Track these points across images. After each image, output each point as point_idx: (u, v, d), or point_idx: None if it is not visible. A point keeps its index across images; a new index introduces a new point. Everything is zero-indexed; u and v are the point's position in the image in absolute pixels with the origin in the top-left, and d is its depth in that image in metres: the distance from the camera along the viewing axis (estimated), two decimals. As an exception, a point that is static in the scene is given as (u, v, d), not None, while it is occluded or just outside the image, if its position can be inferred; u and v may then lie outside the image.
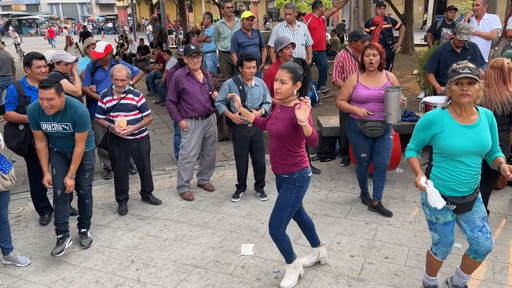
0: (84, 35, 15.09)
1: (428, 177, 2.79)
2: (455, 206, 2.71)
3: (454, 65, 2.63)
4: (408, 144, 2.88)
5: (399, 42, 8.71)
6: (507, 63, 4.01)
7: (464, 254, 2.91)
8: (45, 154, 3.81)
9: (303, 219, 3.42)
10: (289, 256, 3.27)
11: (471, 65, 2.59)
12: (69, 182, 3.74)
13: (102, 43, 5.29)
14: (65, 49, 11.76)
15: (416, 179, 2.70)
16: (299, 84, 2.97)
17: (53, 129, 3.69)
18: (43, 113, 3.60)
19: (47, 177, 3.80)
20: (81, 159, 3.79)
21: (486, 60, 5.92)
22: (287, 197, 3.10)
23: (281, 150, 3.05)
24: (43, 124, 3.68)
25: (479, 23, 6.56)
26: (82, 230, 4.03)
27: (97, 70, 5.32)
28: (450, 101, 2.69)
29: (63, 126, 3.68)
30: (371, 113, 4.16)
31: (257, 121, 3.42)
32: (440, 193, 2.69)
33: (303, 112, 2.70)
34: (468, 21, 6.63)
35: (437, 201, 2.66)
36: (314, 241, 3.50)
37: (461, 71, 2.56)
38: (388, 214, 4.35)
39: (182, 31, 18.45)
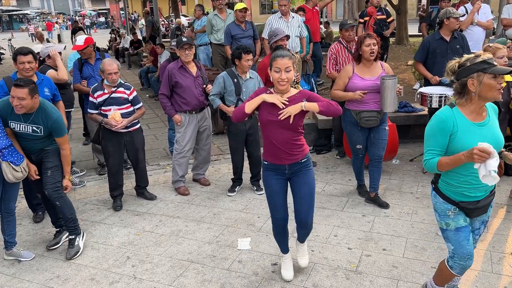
0: (75, 31, 14.89)
1: (436, 183, 2.57)
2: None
3: (483, 55, 2.33)
4: (424, 158, 2.48)
5: (389, 30, 8.62)
6: (496, 47, 4.02)
7: None
8: (18, 147, 3.61)
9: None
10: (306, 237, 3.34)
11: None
12: (66, 183, 3.74)
13: (81, 37, 5.24)
14: None
15: (473, 148, 2.19)
16: (295, 68, 2.97)
17: (22, 129, 3.56)
18: (14, 112, 3.49)
19: (33, 168, 3.65)
20: (42, 156, 3.70)
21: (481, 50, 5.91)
22: (312, 182, 3.07)
23: (295, 138, 2.97)
24: (11, 123, 3.54)
25: (478, 13, 6.54)
26: (70, 236, 3.80)
27: (83, 66, 5.24)
28: (465, 97, 2.39)
29: (34, 128, 3.56)
30: (366, 92, 4.12)
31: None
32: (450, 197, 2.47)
33: (291, 109, 2.83)
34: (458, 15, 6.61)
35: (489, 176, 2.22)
36: (288, 248, 3.37)
37: (495, 62, 2.31)
38: (385, 205, 4.33)
39: (174, 25, 18.32)
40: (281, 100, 2.87)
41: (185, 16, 21.78)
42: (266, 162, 3.07)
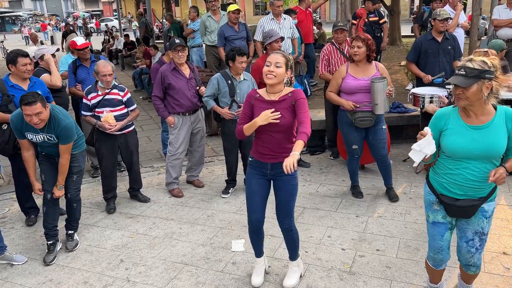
0: (67, 34, 14.79)
1: (428, 171, 2.72)
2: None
3: (463, 60, 2.35)
4: None
5: (385, 41, 8.66)
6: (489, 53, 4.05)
7: None
8: (32, 163, 3.70)
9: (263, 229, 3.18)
10: (296, 251, 3.20)
11: (471, 64, 2.30)
12: (58, 193, 3.68)
13: (81, 38, 5.28)
14: None
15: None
16: (289, 72, 2.96)
17: (39, 139, 3.58)
18: (28, 124, 3.46)
19: (37, 186, 3.72)
20: (69, 161, 3.70)
21: (462, 50, 5.98)
22: (293, 186, 3.01)
23: (286, 140, 2.96)
24: (28, 134, 3.57)
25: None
26: (69, 232, 3.94)
27: (78, 69, 5.21)
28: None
29: (48, 137, 3.56)
30: (358, 106, 4.17)
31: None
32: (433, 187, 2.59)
33: (290, 160, 2.60)
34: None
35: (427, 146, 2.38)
36: (262, 251, 3.30)
37: (457, 71, 2.33)
38: (394, 197, 4.46)
39: (166, 27, 18.27)
40: (273, 116, 2.81)
41: (110, 20, 20.50)
42: (251, 158, 3.07)
